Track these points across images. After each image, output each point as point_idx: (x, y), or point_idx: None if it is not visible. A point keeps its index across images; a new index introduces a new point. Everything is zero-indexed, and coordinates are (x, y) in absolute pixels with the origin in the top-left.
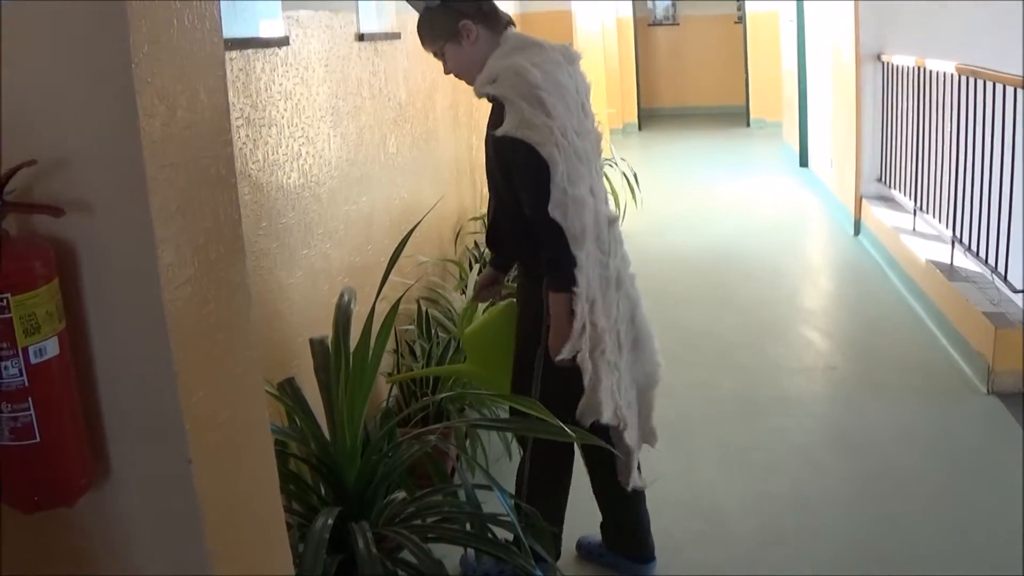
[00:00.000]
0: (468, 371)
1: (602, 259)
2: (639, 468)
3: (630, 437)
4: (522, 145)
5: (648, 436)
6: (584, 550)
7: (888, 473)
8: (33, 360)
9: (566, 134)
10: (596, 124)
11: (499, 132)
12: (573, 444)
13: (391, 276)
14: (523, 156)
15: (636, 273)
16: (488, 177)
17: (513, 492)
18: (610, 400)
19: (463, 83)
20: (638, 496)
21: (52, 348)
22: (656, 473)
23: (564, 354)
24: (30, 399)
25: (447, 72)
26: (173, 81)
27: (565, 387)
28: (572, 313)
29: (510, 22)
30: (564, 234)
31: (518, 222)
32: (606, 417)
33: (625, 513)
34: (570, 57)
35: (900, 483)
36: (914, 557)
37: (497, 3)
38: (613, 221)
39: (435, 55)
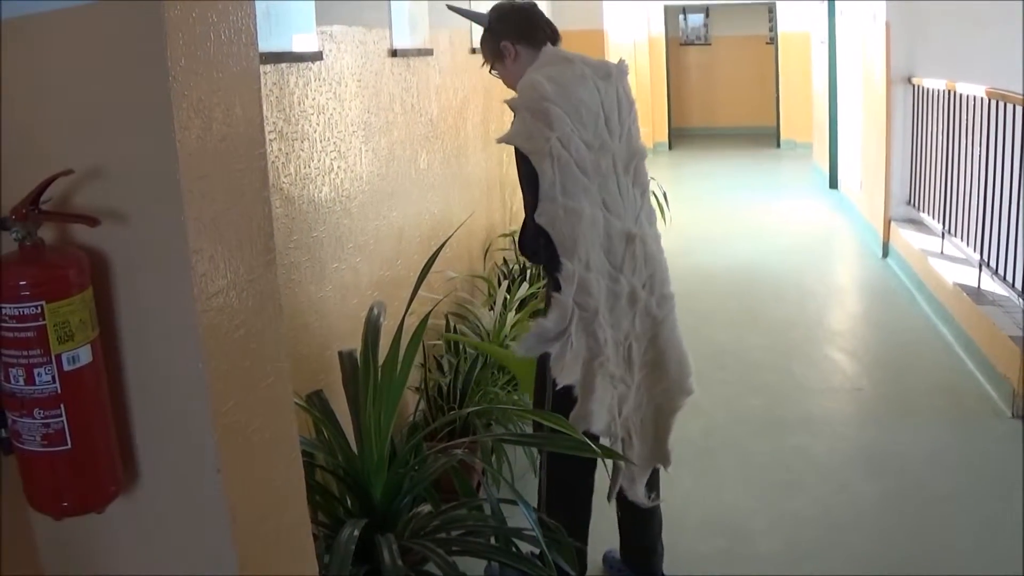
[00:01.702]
0: (512, 362)
1: (612, 273)
2: (653, 486)
3: (632, 453)
4: (519, 153)
5: (662, 458)
6: (608, 563)
7: (913, 494)
8: (66, 367)
9: (568, 146)
10: (631, 142)
11: (498, 138)
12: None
13: (420, 291)
14: (521, 163)
15: (676, 303)
16: None
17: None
18: (604, 412)
19: (493, 101)
20: (648, 513)
21: (85, 356)
22: (679, 490)
23: (520, 350)
24: (62, 406)
25: (508, 86)
26: (209, 94)
27: (561, 393)
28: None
29: (552, 37)
30: (551, 241)
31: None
32: (596, 428)
33: (634, 527)
34: (604, 73)
35: (925, 505)
36: None
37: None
38: (632, 239)
39: (491, 72)
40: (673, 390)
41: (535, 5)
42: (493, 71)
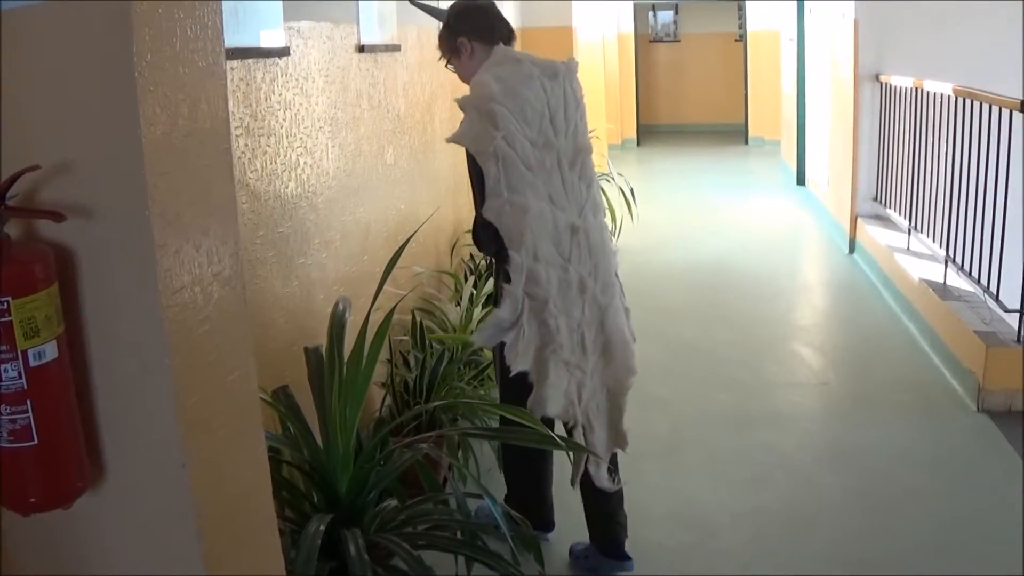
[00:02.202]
0: None
1: (562, 263)
2: (613, 468)
3: (594, 437)
4: (467, 152)
5: (619, 440)
6: (574, 555)
7: (878, 488)
8: (32, 363)
9: (513, 144)
10: (577, 138)
11: (447, 138)
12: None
13: (386, 286)
14: (468, 161)
15: (624, 284)
16: None
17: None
18: (560, 397)
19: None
20: (612, 496)
21: (51, 351)
22: (646, 485)
23: (478, 340)
24: (28, 402)
25: (463, 82)
26: (175, 90)
27: (518, 381)
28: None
29: (507, 37)
30: (499, 234)
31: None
32: (552, 412)
33: (597, 506)
34: (552, 72)
35: (890, 498)
36: (903, 571)
37: (500, 19)
38: (576, 230)
39: (447, 67)
40: (620, 372)
41: (493, 4)
42: (449, 66)
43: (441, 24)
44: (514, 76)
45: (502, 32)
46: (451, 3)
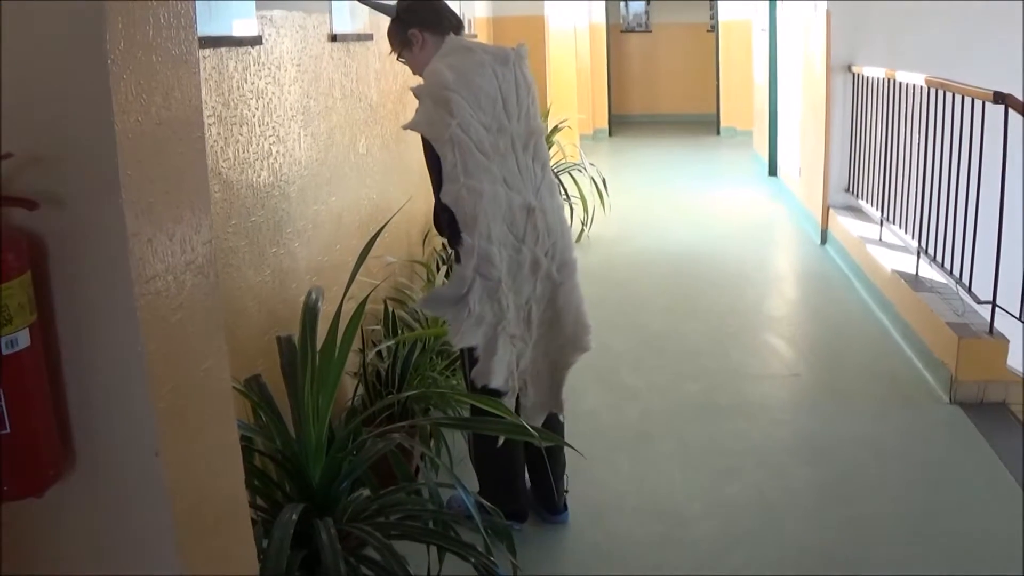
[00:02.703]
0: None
1: (515, 244)
2: (557, 431)
3: (528, 400)
4: (423, 139)
5: (556, 406)
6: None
7: (849, 479)
8: (4, 351)
9: (468, 131)
10: (529, 121)
11: (403, 125)
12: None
13: (359, 276)
14: (425, 148)
15: (595, 273)
16: None
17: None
18: (503, 369)
19: None
20: (546, 453)
21: (24, 340)
22: (616, 475)
23: (420, 306)
24: (1, 390)
25: (414, 74)
26: (148, 78)
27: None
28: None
29: (456, 27)
30: (454, 217)
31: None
32: (495, 383)
33: (540, 470)
34: (503, 59)
35: (861, 489)
36: (873, 562)
37: (456, 8)
38: (531, 211)
39: (399, 60)
40: (568, 347)
41: None
42: (401, 59)
43: (390, 19)
44: (467, 64)
45: (451, 22)
46: None
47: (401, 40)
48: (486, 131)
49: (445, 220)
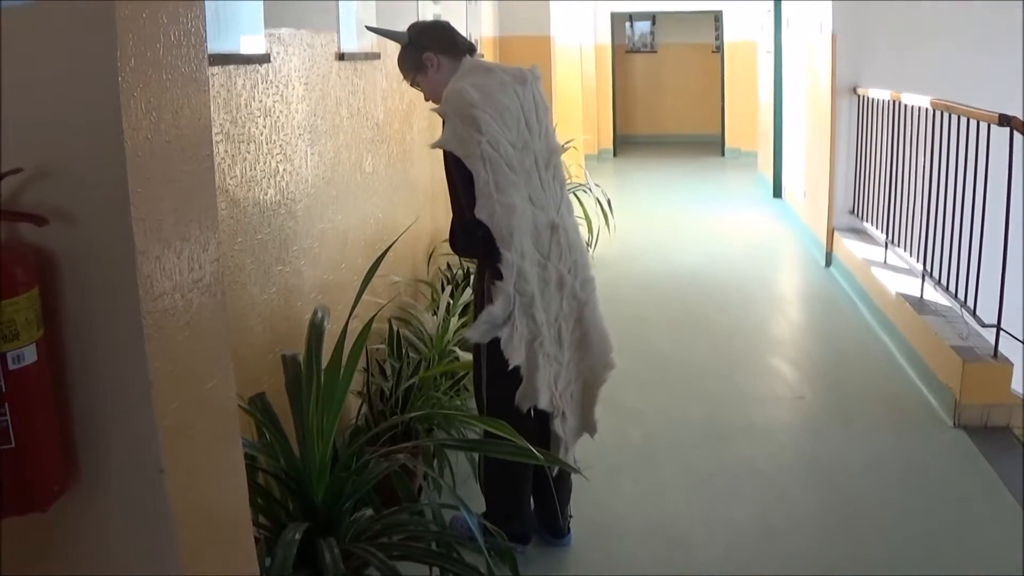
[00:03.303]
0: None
1: (541, 260)
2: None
3: (566, 425)
4: (451, 156)
5: (589, 427)
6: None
7: (854, 503)
8: (11, 366)
9: (497, 147)
10: (549, 140)
11: (432, 144)
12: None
13: (364, 295)
14: (455, 166)
15: (600, 294)
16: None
17: (482, 509)
18: (546, 388)
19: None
20: (560, 478)
21: (30, 355)
22: (620, 496)
23: (474, 337)
24: (7, 405)
25: (427, 100)
26: (158, 95)
27: (509, 377)
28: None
29: (470, 49)
30: (490, 233)
31: (465, 222)
32: (542, 403)
33: (546, 493)
34: (521, 79)
35: (865, 513)
36: None
37: (463, 29)
38: (555, 228)
39: (412, 85)
40: (597, 365)
41: (448, 23)
42: (415, 85)
43: (401, 46)
44: (489, 83)
45: (464, 45)
46: (408, 24)
47: (415, 64)
48: (512, 148)
49: (475, 237)
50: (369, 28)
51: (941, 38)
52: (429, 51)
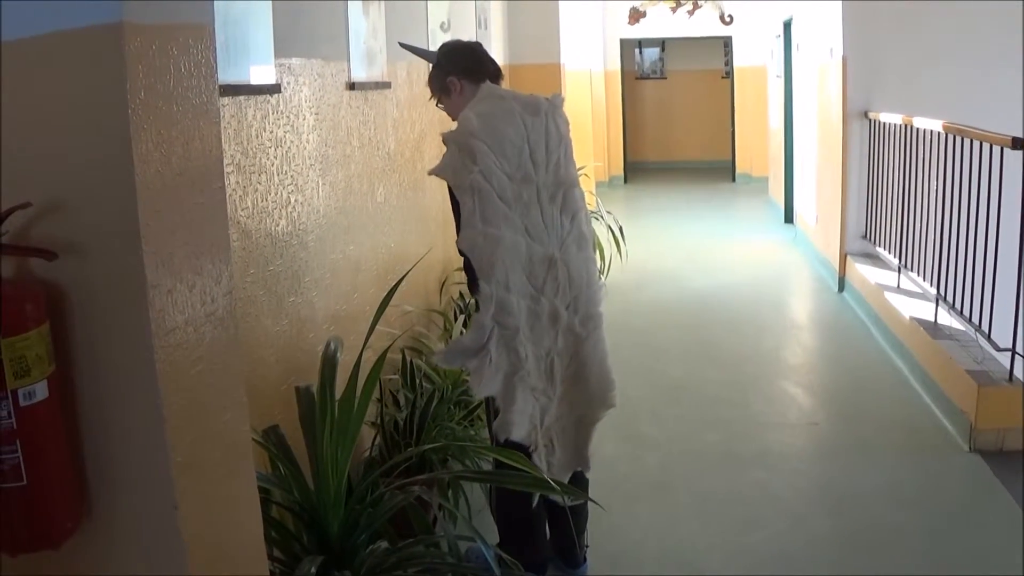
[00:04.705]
0: None
1: (533, 294)
2: (581, 485)
3: (554, 458)
4: (448, 185)
5: (581, 462)
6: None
7: (870, 529)
8: (22, 403)
9: (490, 178)
10: (557, 172)
11: (429, 171)
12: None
13: (377, 326)
14: (450, 193)
15: (612, 321)
16: None
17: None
18: (525, 421)
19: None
20: (569, 510)
21: (41, 391)
22: (636, 525)
23: (438, 361)
24: (18, 442)
25: (453, 120)
26: (168, 127)
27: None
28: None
29: (494, 75)
30: (471, 264)
31: None
32: (516, 436)
33: (562, 522)
34: (533, 109)
35: (882, 539)
36: None
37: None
38: (553, 263)
39: (436, 106)
40: (594, 402)
41: (480, 45)
42: (439, 105)
43: (431, 65)
44: (495, 112)
45: (489, 71)
46: (440, 44)
47: (440, 87)
48: (509, 180)
49: (464, 265)
50: (402, 44)
51: (952, 61)
52: (452, 75)
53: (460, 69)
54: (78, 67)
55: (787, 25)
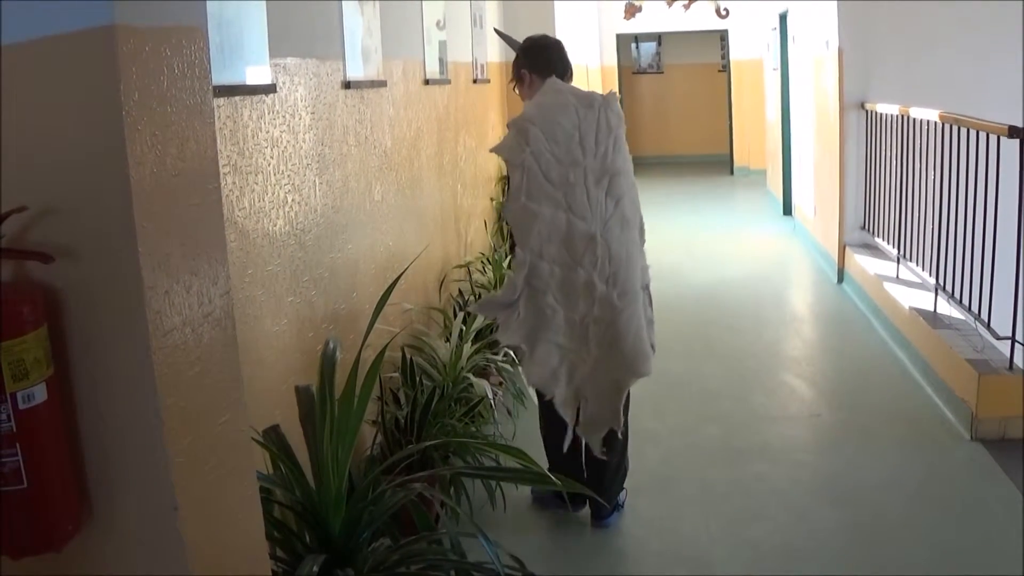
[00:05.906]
0: None
1: (570, 263)
2: (611, 446)
3: (588, 410)
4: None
5: (614, 421)
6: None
7: (873, 520)
8: (21, 406)
9: (539, 160)
10: (604, 160)
11: (491, 148)
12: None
13: (376, 324)
14: (507, 168)
15: (650, 300)
16: None
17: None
18: (543, 372)
19: (447, 133)
20: (601, 463)
21: (40, 394)
22: (638, 519)
23: (473, 309)
24: (18, 445)
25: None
26: (163, 129)
27: (556, 425)
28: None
29: (562, 72)
30: (512, 232)
31: None
32: (531, 382)
33: (595, 471)
34: (588, 102)
35: (885, 530)
36: None
37: (469, 52)
38: (593, 239)
39: (513, 91)
40: (627, 369)
41: (559, 43)
42: (516, 89)
43: (515, 54)
44: (553, 103)
45: (557, 69)
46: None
47: (516, 75)
48: (558, 163)
49: (508, 232)
50: (497, 31)
51: (948, 51)
52: (525, 68)
53: (531, 64)
54: (72, 70)
55: (783, 18)
